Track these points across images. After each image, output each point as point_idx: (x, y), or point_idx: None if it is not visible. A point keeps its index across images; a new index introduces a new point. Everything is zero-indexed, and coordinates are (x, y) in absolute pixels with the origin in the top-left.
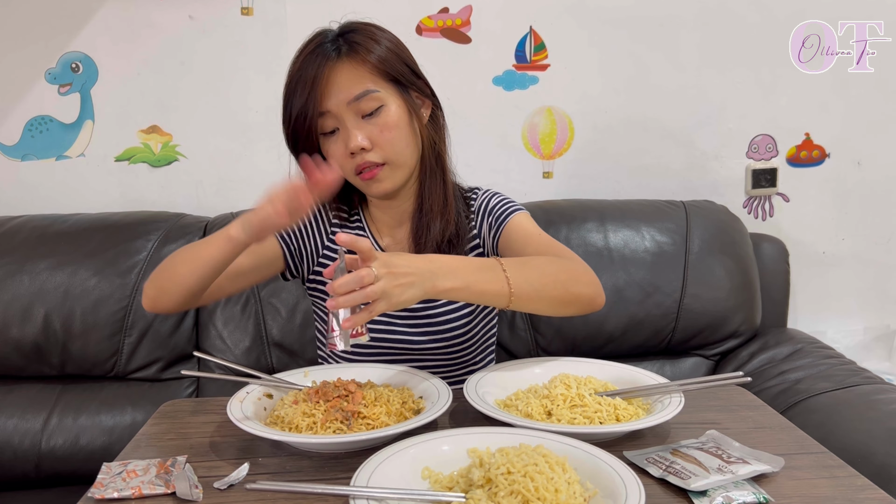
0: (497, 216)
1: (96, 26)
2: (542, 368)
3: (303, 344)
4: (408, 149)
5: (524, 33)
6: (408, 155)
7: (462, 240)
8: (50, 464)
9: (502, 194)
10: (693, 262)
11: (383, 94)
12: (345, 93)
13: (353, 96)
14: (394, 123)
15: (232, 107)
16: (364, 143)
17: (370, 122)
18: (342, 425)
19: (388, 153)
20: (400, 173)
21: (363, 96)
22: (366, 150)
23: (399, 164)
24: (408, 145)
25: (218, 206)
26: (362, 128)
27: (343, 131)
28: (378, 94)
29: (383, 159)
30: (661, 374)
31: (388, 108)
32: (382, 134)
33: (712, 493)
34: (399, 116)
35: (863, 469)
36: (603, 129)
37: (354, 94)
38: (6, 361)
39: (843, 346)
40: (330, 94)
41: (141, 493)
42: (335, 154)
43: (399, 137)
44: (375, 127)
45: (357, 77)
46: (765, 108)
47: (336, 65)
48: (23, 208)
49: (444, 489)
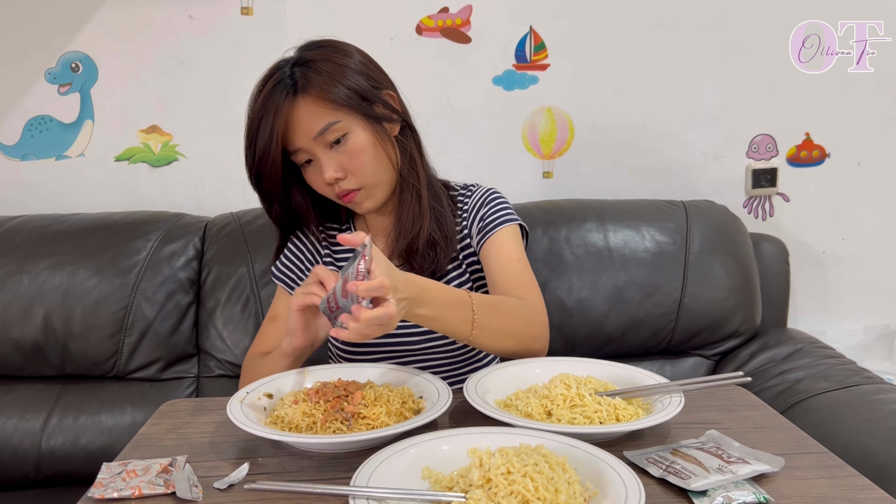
0: (486, 224)
1: (96, 26)
2: (542, 368)
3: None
4: (380, 167)
5: (524, 33)
6: (381, 173)
7: (449, 242)
8: (50, 464)
9: (498, 197)
10: (693, 262)
11: (345, 123)
12: (308, 129)
13: (317, 132)
14: (360, 149)
15: (232, 107)
16: (336, 173)
17: (338, 150)
18: (342, 426)
19: (361, 178)
20: (378, 192)
21: (325, 130)
22: (340, 178)
23: (374, 185)
24: (379, 164)
25: (218, 206)
26: (332, 158)
27: (316, 163)
28: (340, 125)
29: (358, 184)
30: (661, 374)
31: (353, 135)
32: (352, 161)
33: (712, 493)
34: (365, 140)
35: (863, 469)
36: (603, 129)
37: (317, 129)
38: (6, 361)
39: (843, 346)
40: (295, 132)
41: (141, 493)
42: (315, 182)
43: (368, 161)
44: (344, 155)
45: (316, 112)
46: (765, 108)
47: (295, 102)
48: (23, 208)
49: (444, 489)
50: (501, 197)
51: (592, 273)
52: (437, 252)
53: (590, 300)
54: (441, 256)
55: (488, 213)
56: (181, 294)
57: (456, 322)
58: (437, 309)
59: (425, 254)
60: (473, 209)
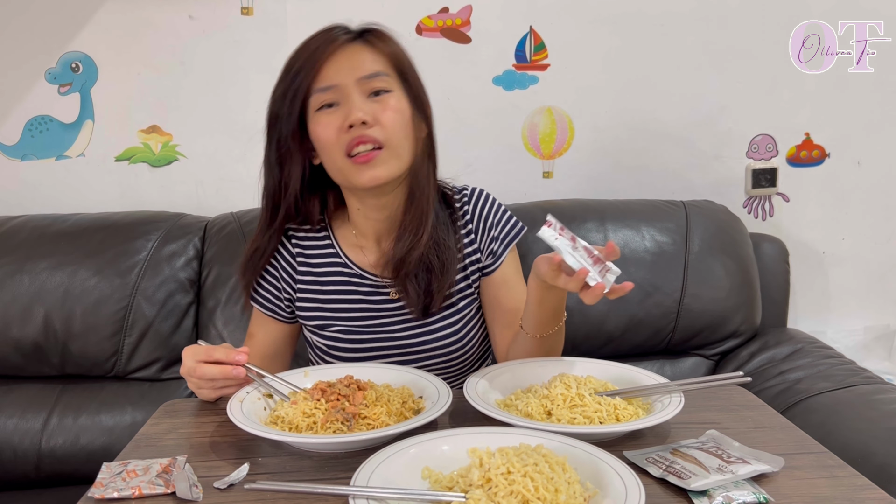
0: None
1: (96, 26)
2: (542, 368)
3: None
4: (406, 141)
5: (524, 33)
6: (406, 148)
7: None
8: (50, 464)
9: (499, 203)
10: (693, 262)
11: (394, 82)
12: (358, 70)
13: (366, 74)
14: (398, 109)
15: (232, 107)
16: (366, 116)
17: (375, 100)
18: (342, 426)
19: (389, 134)
20: (395, 163)
21: (375, 76)
22: (367, 124)
23: (396, 152)
24: (407, 137)
25: (218, 206)
26: (366, 103)
27: (344, 106)
28: (389, 79)
29: (383, 139)
30: (661, 374)
31: (395, 95)
32: (386, 113)
33: (712, 493)
34: (404, 107)
35: (863, 469)
36: (603, 129)
37: (368, 71)
38: (6, 361)
39: (843, 346)
40: (340, 69)
41: (141, 493)
42: (326, 127)
43: (401, 124)
44: (380, 105)
45: (372, 58)
46: (765, 108)
47: (350, 44)
48: (23, 208)
49: (444, 489)
50: (501, 204)
51: None
52: (431, 280)
53: None
54: (434, 286)
55: (502, 222)
56: (181, 294)
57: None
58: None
59: (419, 276)
60: (480, 217)
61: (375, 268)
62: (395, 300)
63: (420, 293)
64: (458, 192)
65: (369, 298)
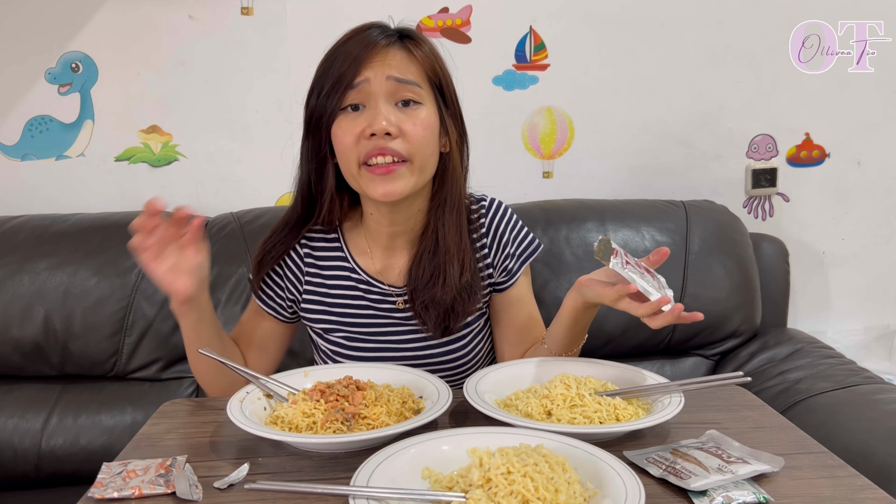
0: (519, 255)
1: (96, 26)
2: (542, 368)
3: (303, 344)
4: (432, 158)
5: (524, 33)
6: (430, 164)
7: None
8: (50, 464)
9: (516, 219)
10: (693, 262)
11: (425, 94)
12: (391, 69)
13: (398, 77)
14: (426, 123)
15: (232, 107)
16: (392, 127)
17: (403, 111)
18: (342, 426)
19: (415, 148)
20: (416, 179)
21: (407, 83)
22: (391, 136)
23: (420, 168)
24: (433, 154)
25: (218, 206)
26: (393, 112)
27: (369, 111)
28: (420, 91)
29: (408, 153)
30: (661, 374)
31: (424, 108)
32: (415, 127)
33: (712, 493)
34: (432, 122)
35: (863, 469)
36: (603, 129)
37: (400, 75)
38: (6, 361)
39: (843, 346)
40: (373, 65)
41: (141, 493)
42: (348, 132)
43: (429, 140)
44: (408, 117)
45: (407, 65)
46: (765, 108)
47: (390, 46)
48: (23, 208)
49: (444, 489)
50: (522, 225)
51: None
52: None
53: None
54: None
55: (519, 240)
56: None
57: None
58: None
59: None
60: (497, 231)
61: (384, 276)
62: (402, 310)
63: (439, 324)
64: (477, 203)
65: (377, 306)
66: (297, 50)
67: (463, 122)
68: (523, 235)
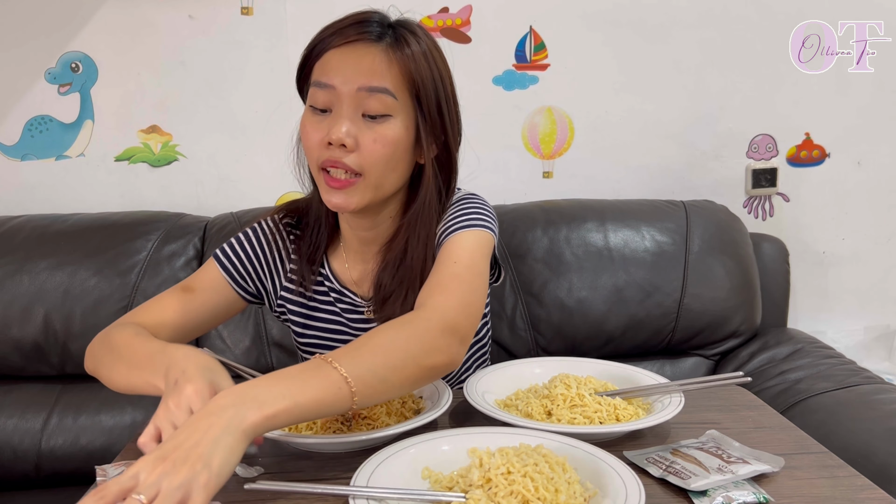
0: (441, 237)
1: (96, 26)
2: (542, 368)
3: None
4: (393, 173)
5: (524, 33)
6: (391, 180)
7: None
8: (50, 464)
9: (469, 209)
10: (693, 262)
11: (399, 105)
12: (363, 77)
13: (368, 86)
14: (391, 140)
15: (232, 107)
16: (348, 140)
17: (367, 124)
18: (342, 426)
19: (368, 165)
20: (371, 195)
21: (378, 92)
22: (346, 148)
23: (374, 185)
24: (394, 170)
25: (218, 206)
26: (356, 125)
27: (334, 116)
28: (392, 102)
29: (360, 168)
30: (661, 374)
31: (392, 121)
32: (374, 143)
33: (712, 493)
34: (396, 137)
35: (863, 469)
36: (603, 129)
37: (370, 84)
38: (6, 361)
39: (843, 346)
40: (345, 69)
41: None
42: (311, 133)
43: (388, 157)
44: (370, 131)
45: (384, 71)
46: (765, 108)
47: (372, 46)
48: (23, 208)
49: (444, 489)
50: (473, 209)
51: (592, 273)
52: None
53: (590, 300)
54: None
55: (450, 224)
56: None
57: (321, 392)
58: (286, 393)
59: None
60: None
61: (358, 285)
62: (372, 319)
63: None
64: (456, 202)
65: (346, 315)
66: (297, 50)
67: (454, 129)
68: (460, 221)
